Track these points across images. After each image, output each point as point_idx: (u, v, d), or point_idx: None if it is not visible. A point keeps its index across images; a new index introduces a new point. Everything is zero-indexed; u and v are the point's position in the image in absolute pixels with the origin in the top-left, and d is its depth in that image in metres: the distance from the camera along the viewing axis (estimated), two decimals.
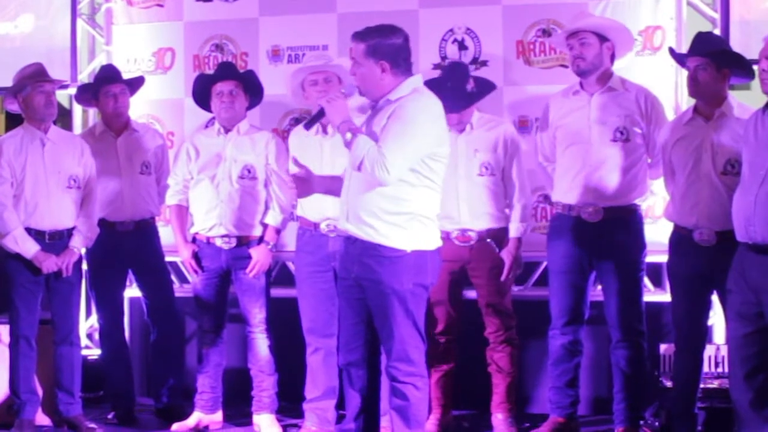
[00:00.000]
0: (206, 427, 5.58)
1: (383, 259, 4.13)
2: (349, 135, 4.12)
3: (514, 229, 5.21)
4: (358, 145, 4.08)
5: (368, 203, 4.15)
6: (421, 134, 4.08)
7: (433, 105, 4.20)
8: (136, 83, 5.86)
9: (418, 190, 4.15)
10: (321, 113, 4.30)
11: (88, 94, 5.83)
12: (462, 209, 5.15)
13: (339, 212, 4.36)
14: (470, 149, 5.16)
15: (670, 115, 5.30)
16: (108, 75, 5.79)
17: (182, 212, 5.57)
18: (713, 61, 4.69)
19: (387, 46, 4.15)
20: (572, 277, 5.09)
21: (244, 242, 5.43)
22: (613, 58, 5.04)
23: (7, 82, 5.55)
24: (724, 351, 5.00)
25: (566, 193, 5.08)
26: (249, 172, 5.42)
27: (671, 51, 5.13)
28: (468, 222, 5.17)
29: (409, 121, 4.07)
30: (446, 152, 4.23)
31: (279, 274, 5.97)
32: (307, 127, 4.57)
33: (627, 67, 5.31)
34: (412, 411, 4.19)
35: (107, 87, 5.71)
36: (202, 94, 5.54)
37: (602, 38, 4.98)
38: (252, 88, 5.53)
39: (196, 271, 5.50)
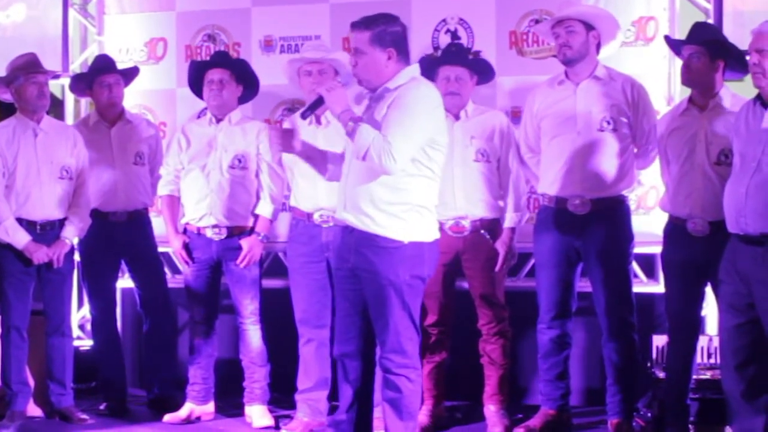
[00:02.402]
0: (198, 418, 5.57)
1: (380, 249, 4.10)
2: (351, 124, 4.06)
3: (509, 219, 5.19)
4: (361, 134, 4.02)
5: (367, 193, 4.11)
6: (423, 122, 4.05)
7: (432, 93, 4.17)
8: (130, 74, 5.84)
9: (417, 180, 4.11)
10: (319, 102, 4.25)
11: (83, 83, 5.81)
12: (458, 195, 5.13)
13: (336, 201, 4.32)
14: (466, 136, 5.15)
15: (661, 106, 5.29)
16: (103, 65, 5.77)
17: (174, 203, 5.55)
18: (708, 50, 4.68)
19: (392, 33, 4.13)
20: (559, 271, 5.07)
21: (234, 233, 5.41)
22: (599, 47, 5.01)
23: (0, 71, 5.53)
24: (716, 342, 4.98)
25: (552, 184, 5.04)
26: (240, 161, 5.40)
27: (667, 38, 5.12)
28: (463, 208, 5.14)
29: (411, 109, 4.03)
30: (445, 141, 4.20)
31: (271, 265, 5.96)
32: (304, 115, 4.55)
33: (619, 57, 5.28)
34: (405, 403, 4.17)
35: (102, 77, 5.69)
36: (196, 83, 5.52)
37: (588, 27, 4.95)
38: (245, 78, 5.50)
39: (186, 262, 5.49)
